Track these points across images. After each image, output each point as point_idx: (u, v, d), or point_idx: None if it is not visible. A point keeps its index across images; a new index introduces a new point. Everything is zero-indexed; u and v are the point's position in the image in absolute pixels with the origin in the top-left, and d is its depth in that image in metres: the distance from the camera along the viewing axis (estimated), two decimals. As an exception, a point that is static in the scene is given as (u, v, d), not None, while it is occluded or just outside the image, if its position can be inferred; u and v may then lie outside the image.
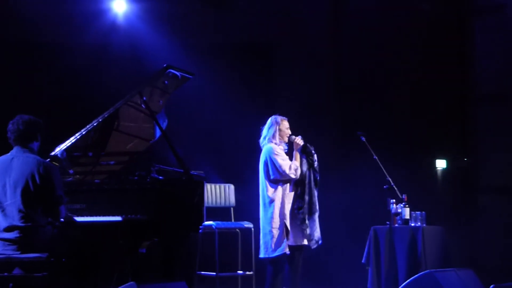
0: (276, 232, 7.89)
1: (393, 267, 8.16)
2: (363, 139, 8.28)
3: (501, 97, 10.62)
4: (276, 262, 7.91)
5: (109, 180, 6.93)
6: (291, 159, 8.01)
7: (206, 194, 9.19)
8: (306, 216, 7.90)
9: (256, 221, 9.35)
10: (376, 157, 8.19)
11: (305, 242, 7.96)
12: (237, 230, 9.44)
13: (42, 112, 6.78)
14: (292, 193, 7.97)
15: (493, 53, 10.72)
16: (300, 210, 7.91)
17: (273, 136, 8.02)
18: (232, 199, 9.68)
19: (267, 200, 7.95)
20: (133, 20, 10.72)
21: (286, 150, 8.04)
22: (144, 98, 7.19)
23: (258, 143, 8.20)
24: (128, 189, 6.75)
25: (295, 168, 7.90)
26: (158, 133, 7.47)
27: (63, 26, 10.43)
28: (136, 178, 6.84)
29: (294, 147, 8.02)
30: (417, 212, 8.34)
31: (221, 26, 10.93)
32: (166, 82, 7.40)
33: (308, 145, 8.04)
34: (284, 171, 7.85)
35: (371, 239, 8.37)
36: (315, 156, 8.03)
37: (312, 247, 7.98)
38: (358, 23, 10.91)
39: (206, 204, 9.00)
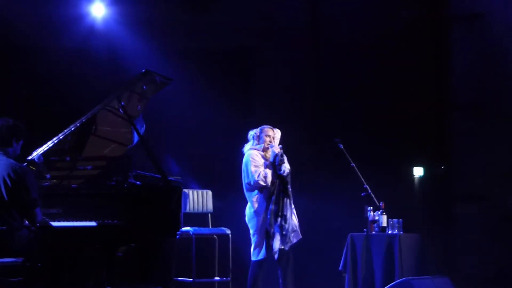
0: (255, 237, 7.97)
1: (370, 274, 8.17)
2: (341, 146, 8.31)
3: (478, 105, 10.66)
4: (254, 266, 8.01)
5: (86, 185, 6.88)
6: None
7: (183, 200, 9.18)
8: (272, 222, 7.92)
9: (233, 227, 9.36)
10: (354, 164, 8.22)
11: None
12: (215, 236, 9.44)
13: (19, 116, 6.71)
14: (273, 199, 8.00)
15: (470, 61, 10.75)
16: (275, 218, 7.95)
17: (254, 142, 8.14)
18: (209, 205, 9.66)
19: (248, 204, 8.07)
20: (111, 24, 10.65)
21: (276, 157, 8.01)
22: (122, 103, 7.16)
23: (236, 149, 8.22)
24: (105, 194, 6.71)
25: (265, 175, 7.96)
26: (136, 138, 7.44)
27: (41, 29, 10.32)
28: (113, 183, 6.80)
29: (270, 155, 8.07)
30: (394, 219, 8.35)
31: (199, 31, 10.88)
32: (144, 87, 7.37)
33: (279, 155, 8.01)
34: (253, 177, 7.94)
35: (348, 246, 8.38)
36: (284, 166, 7.99)
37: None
38: (336, 30, 10.91)
39: (183, 210, 8.99)
